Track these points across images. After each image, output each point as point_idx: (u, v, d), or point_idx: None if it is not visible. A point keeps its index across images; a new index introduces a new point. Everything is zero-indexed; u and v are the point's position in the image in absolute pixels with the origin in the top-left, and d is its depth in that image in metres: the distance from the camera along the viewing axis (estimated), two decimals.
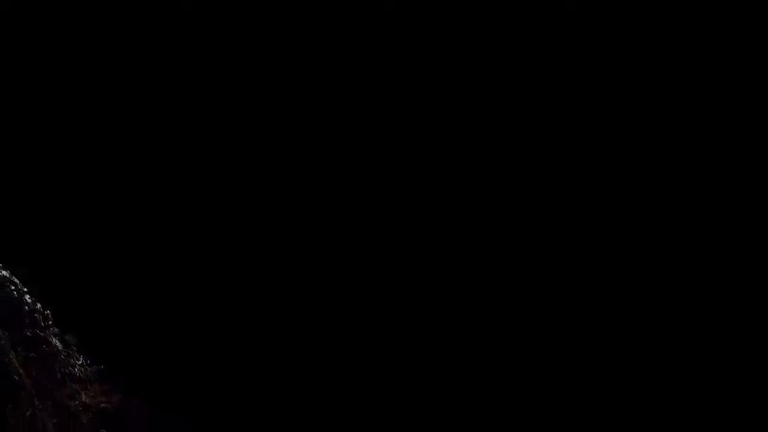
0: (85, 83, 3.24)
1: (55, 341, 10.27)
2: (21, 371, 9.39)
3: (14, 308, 9.86)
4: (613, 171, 3.43)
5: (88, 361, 10.32)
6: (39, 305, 9.83)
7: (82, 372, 10.09)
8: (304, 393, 4.97)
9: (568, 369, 4.81)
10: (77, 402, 9.81)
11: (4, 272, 9.53)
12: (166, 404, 5.27)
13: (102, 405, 10.07)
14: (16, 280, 9.70)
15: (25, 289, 9.33)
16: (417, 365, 4.78)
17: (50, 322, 10.11)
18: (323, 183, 3.64)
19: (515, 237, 3.78)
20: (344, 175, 3.59)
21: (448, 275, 4.08)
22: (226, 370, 4.85)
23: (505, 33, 3.02)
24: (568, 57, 3.00)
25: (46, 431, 9.32)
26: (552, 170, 3.44)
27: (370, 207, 3.68)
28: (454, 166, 3.54)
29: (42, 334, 10.03)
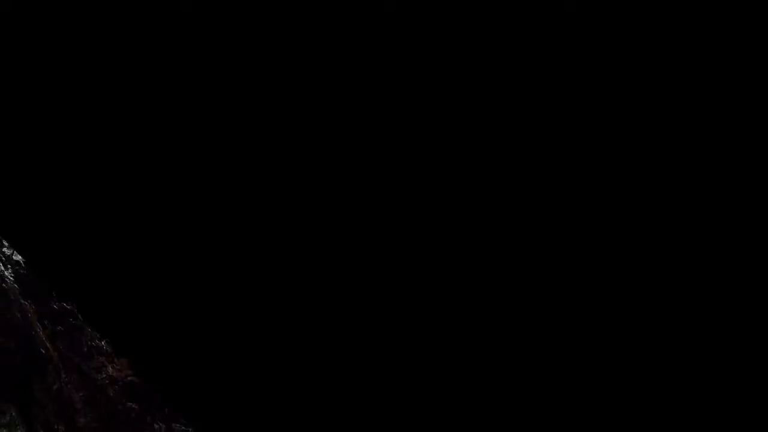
0: (85, 82, 2.97)
1: None
2: (48, 344, 9.40)
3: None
4: (613, 171, 3.06)
5: None
6: None
7: (109, 345, 10.05)
8: (304, 391, 4.67)
9: (568, 369, 4.54)
10: (104, 375, 9.79)
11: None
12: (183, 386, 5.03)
13: (129, 378, 10.05)
14: None
15: None
16: (417, 365, 4.48)
17: None
18: (323, 183, 3.27)
19: (515, 237, 3.40)
20: (344, 175, 3.21)
21: (448, 275, 3.73)
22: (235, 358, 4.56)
23: (505, 33, 2.56)
24: (568, 57, 2.58)
25: (73, 404, 9.35)
26: (552, 170, 3.07)
27: (371, 207, 3.28)
28: (454, 166, 3.14)
29: (69, 306, 10.00)
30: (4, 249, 9.56)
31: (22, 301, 9.47)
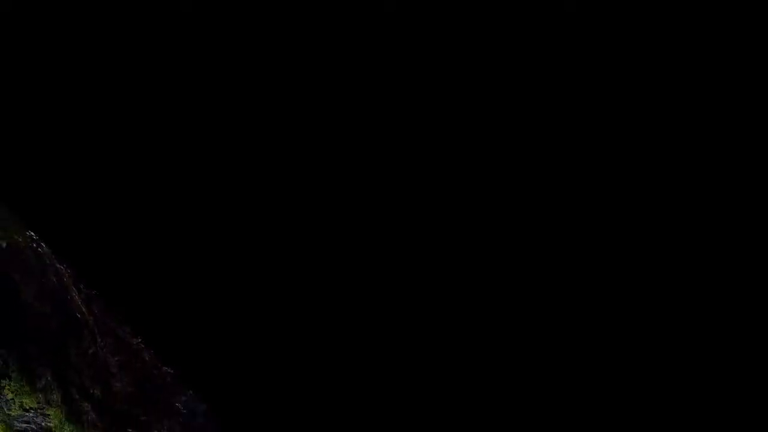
0: (85, 82, 2.27)
1: None
2: (83, 308, 9.48)
3: None
4: (612, 171, 1.19)
5: None
6: None
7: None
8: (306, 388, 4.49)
9: (568, 369, 3.37)
10: (140, 339, 9.72)
11: None
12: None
13: None
14: None
15: None
16: (417, 365, 3.81)
17: None
18: (323, 183, 2.22)
19: (515, 236, 1.95)
20: (344, 174, 2.10)
21: (448, 275, 2.72)
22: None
23: (505, 33, 0.71)
24: (568, 57, 0.72)
25: (109, 369, 9.46)
26: (552, 170, 1.41)
27: (371, 207, 2.24)
28: (454, 166, 1.84)
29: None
30: None
31: (58, 266, 9.49)
